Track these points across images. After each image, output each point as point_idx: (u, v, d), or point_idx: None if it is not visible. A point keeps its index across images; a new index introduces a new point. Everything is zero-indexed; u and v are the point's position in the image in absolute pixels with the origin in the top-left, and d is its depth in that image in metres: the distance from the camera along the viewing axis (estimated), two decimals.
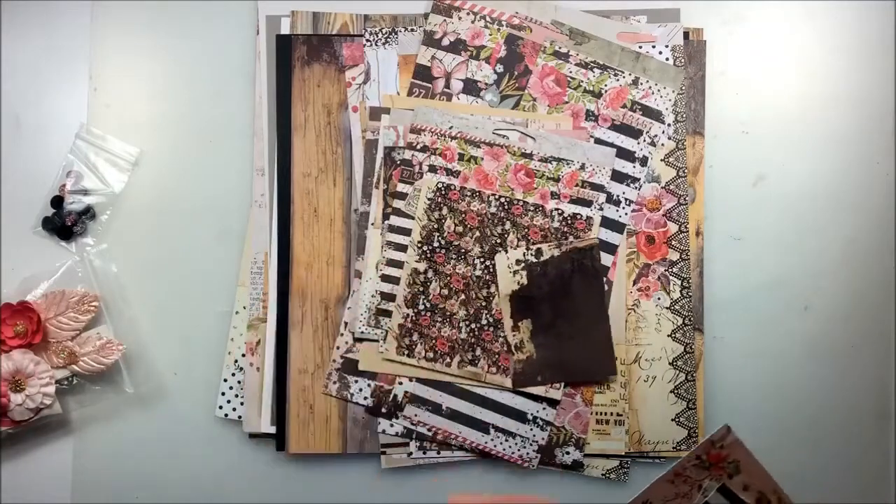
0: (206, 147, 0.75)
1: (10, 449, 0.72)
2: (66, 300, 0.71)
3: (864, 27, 0.75)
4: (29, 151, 0.75)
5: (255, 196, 0.74)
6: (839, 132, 0.75)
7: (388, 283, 0.71)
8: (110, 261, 0.74)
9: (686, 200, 0.73)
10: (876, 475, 0.73)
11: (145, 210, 0.75)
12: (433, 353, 0.71)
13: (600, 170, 0.72)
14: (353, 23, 0.74)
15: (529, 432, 0.71)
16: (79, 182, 0.74)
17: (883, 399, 0.73)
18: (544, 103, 0.73)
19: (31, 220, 0.74)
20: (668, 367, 0.72)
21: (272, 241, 0.73)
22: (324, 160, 0.73)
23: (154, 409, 0.73)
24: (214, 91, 0.75)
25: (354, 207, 0.73)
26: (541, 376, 0.70)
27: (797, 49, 0.75)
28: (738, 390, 0.73)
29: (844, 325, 0.74)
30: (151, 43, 0.76)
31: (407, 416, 0.71)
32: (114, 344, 0.71)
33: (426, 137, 0.72)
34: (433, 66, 0.73)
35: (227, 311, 0.73)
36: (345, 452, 0.72)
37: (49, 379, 0.69)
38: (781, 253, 0.74)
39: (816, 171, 0.75)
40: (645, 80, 0.73)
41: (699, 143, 0.74)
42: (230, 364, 0.73)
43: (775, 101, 0.75)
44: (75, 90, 0.75)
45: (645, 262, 0.72)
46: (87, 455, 0.73)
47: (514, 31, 0.73)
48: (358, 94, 0.73)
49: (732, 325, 0.73)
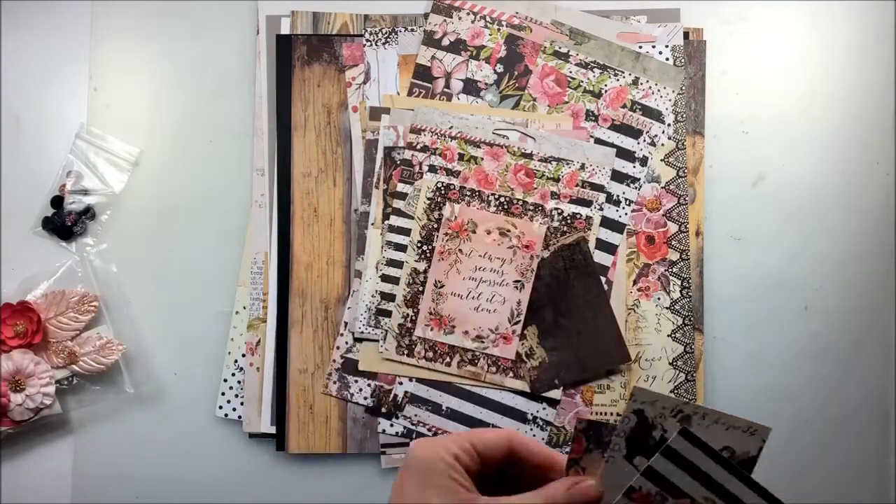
0: (206, 147, 0.75)
1: (10, 449, 0.72)
2: (66, 300, 0.71)
3: (864, 27, 0.75)
4: (29, 151, 0.75)
5: (255, 196, 0.74)
6: (839, 132, 0.75)
7: (388, 283, 0.71)
8: (110, 261, 0.74)
9: (686, 200, 0.73)
10: (876, 475, 0.73)
11: (145, 210, 0.75)
12: (433, 353, 0.71)
13: (600, 170, 0.72)
14: (353, 23, 0.74)
15: (529, 432, 0.71)
16: (79, 182, 0.74)
17: (883, 399, 0.73)
18: (544, 103, 0.73)
19: (31, 220, 0.74)
20: (668, 367, 0.72)
21: (272, 241, 0.73)
22: (324, 160, 0.73)
23: (154, 409, 0.73)
24: (214, 91, 0.75)
25: (354, 207, 0.73)
26: (558, 379, 0.70)
27: (797, 49, 0.75)
28: (738, 390, 0.73)
29: (844, 325, 0.74)
30: (151, 43, 0.76)
31: (407, 416, 0.71)
32: (114, 344, 0.71)
33: (426, 137, 0.72)
34: (433, 66, 0.73)
35: (227, 311, 0.73)
36: (345, 452, 0.72)
37: (49, 379, 0.69)
38: (781, 253, 0.74)
39: (816, 171, 0.75)
40: (645, 80, 0.73)
41: (699, 143, 0.74)
42: (230, 364, 0.73)
43: (775, 101, 0.75)
44: (75, 90, 0.75)
45: (645, 262, 0.72)
46: (87, 455, 0.73)
47: (514, 31, 0.73)
48: (358, 94, 0.73)
49: (732, 325, 0.73)
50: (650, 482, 0.41)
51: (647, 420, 0.41)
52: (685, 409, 0.40)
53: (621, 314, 0.72)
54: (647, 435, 0.41)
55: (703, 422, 0.40)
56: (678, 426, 0.40)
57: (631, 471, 0.41)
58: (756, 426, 0.41)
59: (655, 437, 0.41)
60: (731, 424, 0.41)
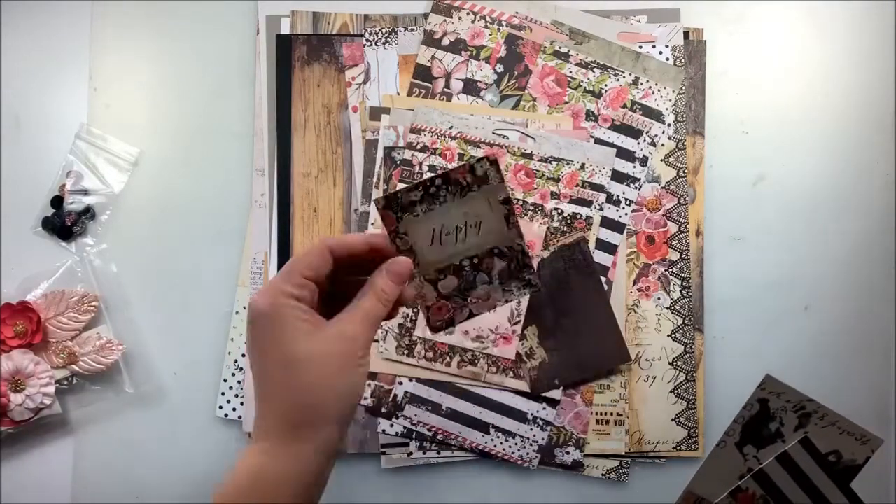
0: (206, 147, 0.75)
1: (10, 449, 0.72)
2: (66, 300, 0.71)
3: (864, 27, 0.75)
4: (29, 151, 0.75)
5: (255, 196, 0.74)
6: (839, 132, 0.75)
7: None
8: (110, 261, 0.74)
9: (686, 200, 0.73)
10: (876, 475, 0.73)
11: (145, 210, 0.75)
12: (433, 353, 0.71)
13: (600, 170, 0.72)
14: (353, 23, 0.74)
15: (529, 432, 0.71)
16: (79, 182, 0.74)
17: (883, 399, 0.73)
18: (544, 103, 0.73)
19: (31, 220, 0.74)
20: (668, 367, 0.72)
21: (272, 241, 0.73)
22: (324, 160, 0.73)
23: (154, 409, 0.73)
24: (214, 91, 0.75)
25: (354, 207, 0.73)
26: (558, 379, 0.71)
27: (797, 49, 0.75)
28: (738, 390, 0.73)
29: (844, 325, 0.74)
30: (151, 43, 0.76)
31: (407, 416, 0.71)
32: (114, 344, 0.71)
33: (426, 137, 0.72)
34: (433, 66, 0.73)
35: (227, 311, 0.73)
36: (345, 452, 0.72)
37: (49, 379, 0.69)
38: (781, 253, 0.74)
39: (816, 171, 0.75)
40: (645, 80, 0.73)
41: (699, 143, 0.74)
42: (230, 364, 0.73)
43: (775, 101, 0.75)
44: (75, 90, 0.75)
45: (645, 262, 0.72)
46: (87, 455, 0.73)
47: (514, 31, 0.73)
48: (358, 94, 0.73)
49: (732, 325, 0.73)
50: (758, 485, 0.40)
51: (768, 410, 0.41)
52: (808, 406, 0.40)
53: (621, 314, 0.72)
54: (764, 425, 0.41)
55: (820, 422, 0.41)
56: (796, 420, 0.40)
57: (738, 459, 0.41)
58: (870, 436, 0.41)
59: (771, 428, 0.41)
60: (846, 429, 0.41)
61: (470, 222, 0.50)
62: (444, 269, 0.51)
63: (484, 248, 0.50)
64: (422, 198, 0.49)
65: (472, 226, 0.50)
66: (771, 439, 0.40)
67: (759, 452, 0.41)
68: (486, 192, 0.49)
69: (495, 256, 0.50)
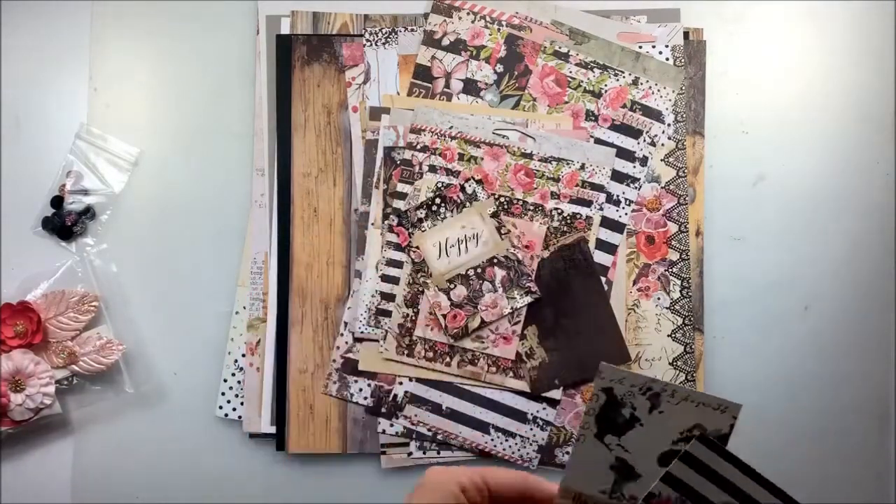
0: (206, 147, 0.75)
1: (10, 449, 0.72)
2: (66, 300, 0.71)
3: (864, 27, 0.75)
4: (29, 151, 0.75)
5: (255, 196, 0.74)
6: (839, 132, 0.75)
7: (388, 283, 0.71)
8: (110, 261, 0.74)
9: (686, 200, 0.73)
10: (876, 475, 0.73)
11: (145, 210, 0.75)
12: (433, 353, 0.71)
13: (600, 170, 0.72)
14: (353, 23, 0.74)
15: (529, 432, 0.71)
16: (79, 182, 0.74)
17: (883, 399, 0.73)
18: (544, 103, 0.73)
19: (31, 220, 0.74)
20: (668, 367, 0.72)
21: (272, 241, 0.73)
22: (324, 160, 0.73)
23: (154, 409, 0.73)
24: (214, 91, 0.75)
25: (354, 207, 0.73)
26: (558, 379, 0.71)
27: (797, 49, 0.75)
28: (738, 390, 0.73)
29: (844, 325, 0.74)
30: (151, 43, 0.76)
31: (407, 416, 0.71)
32: (114, 344, 0.71)
33: (426, 137, 0.72)
34: (433, 66, 0.73)
35: (227, 311, 0.73)
36: (345, 452, 0.72)
37: (49, 379, 0.69)
38: (781, 253, 0.74)
39: (816, 171, 0.75)
40: (645, 80, 0.73)
41: (699, 143, 0.74)
42: (230, 364, 0.73)
43: (775, 101, 0.75)
44: (75, 90, 0.75)
45: (645, 262, 0.72)
46: (87, 455, 0.73)
47: (514, 31, 0.73)
48: (358, 94, 0.73)
49: (732, 325, 0.73)
50: (670, 488, 0.40)
51: (616, 398, 0.41)
52: (654, 387, 0.40)
53: (621, 314, 0.72)
54: (616, 413, 0.41)
55: (671, 399, 0.40)
56: (648, 403, 0.40)
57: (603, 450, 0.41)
58: (727, 403, 0.41)
59: (625, 414, 0.41)
60: (700, 401, 0.40)
61: (468, 235, 0.54)
62: (453, 279, 0.55)
63: (483, 258, 0.53)
64: (426, 215, 0.53)
65: (470, 238, 0.54)
66: (628, 425, 0.40)
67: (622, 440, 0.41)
68: (478, 207, 0.53)
69: (495, 265, 0.53)
